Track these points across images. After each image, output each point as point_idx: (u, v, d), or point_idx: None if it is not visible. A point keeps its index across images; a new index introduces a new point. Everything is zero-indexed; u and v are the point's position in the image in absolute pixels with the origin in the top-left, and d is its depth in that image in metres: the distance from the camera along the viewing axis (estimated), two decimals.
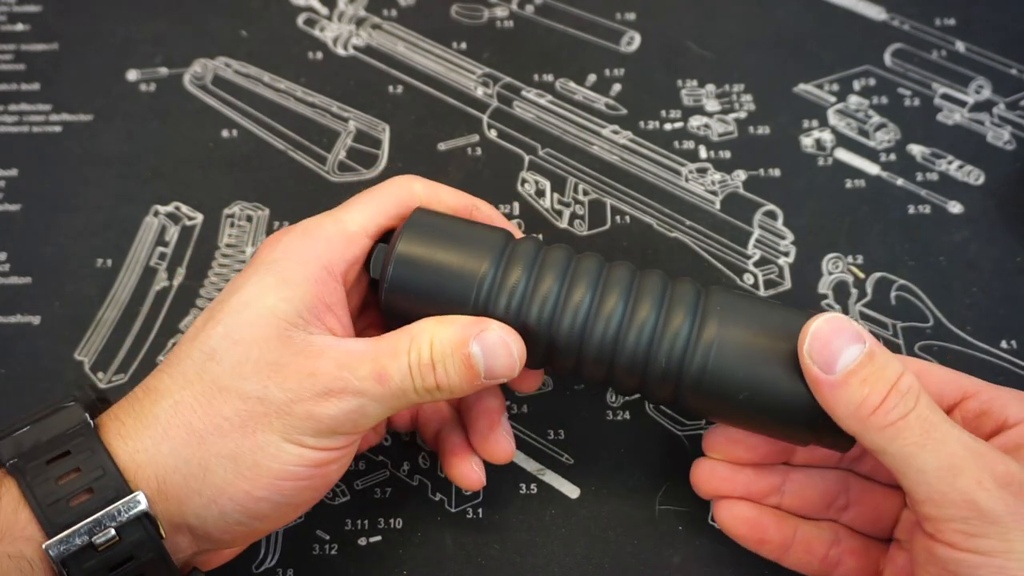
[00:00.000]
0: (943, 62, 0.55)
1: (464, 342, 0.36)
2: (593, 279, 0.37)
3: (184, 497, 0.34)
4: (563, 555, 0.42)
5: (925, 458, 0.33)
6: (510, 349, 0.36)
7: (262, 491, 0.34)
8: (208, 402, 0.34)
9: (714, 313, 0.37)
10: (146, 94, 0.55)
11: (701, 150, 0.53)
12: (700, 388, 0.36)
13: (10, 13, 0.58)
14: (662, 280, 0.38)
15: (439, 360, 0.36)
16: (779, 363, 0.36)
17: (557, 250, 0.38)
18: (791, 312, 0.37)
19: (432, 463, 0.45)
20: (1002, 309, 0.48)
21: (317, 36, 0.57)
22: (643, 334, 0.37)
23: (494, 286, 0.37)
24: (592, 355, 0.37)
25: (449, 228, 0.39)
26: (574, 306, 0.37)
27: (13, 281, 0.49)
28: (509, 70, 0.55)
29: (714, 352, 0.36)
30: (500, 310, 0.37)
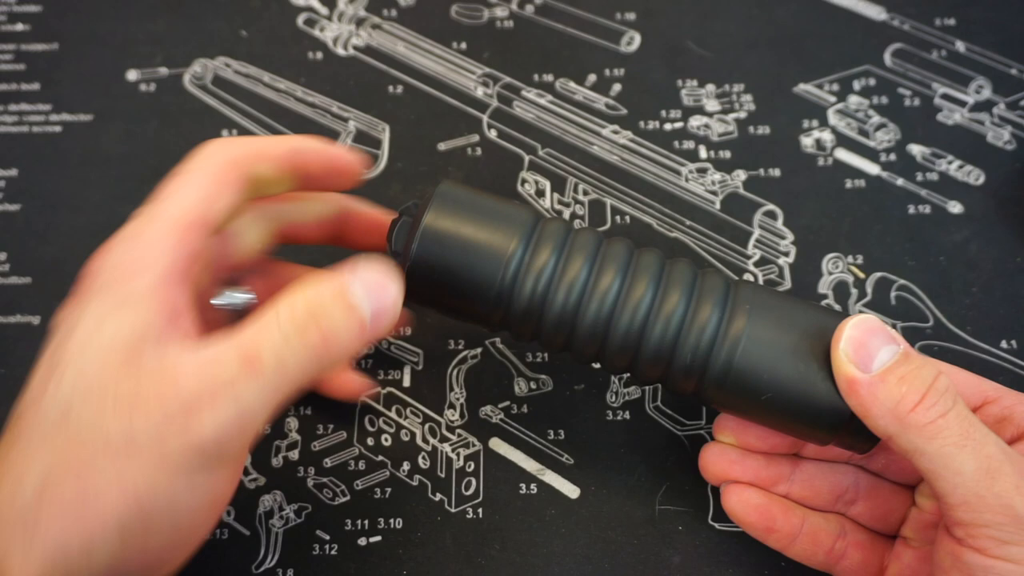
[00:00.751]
0: (943, 62, 0.55)
1: (343, 284, 0.32)
2: (623, 265, 0.36)
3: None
4: (563, 555, 0.42)
5: (964, 459, 0.32)
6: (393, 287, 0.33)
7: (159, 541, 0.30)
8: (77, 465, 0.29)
9: (743, 307, 0.36)
10: (146, 94, 0.55)
11: (701, 150, 0.53)
12: (725, 383, 0.36)
13: (10, 13, 0.58)
14: (691, 270, 0.37)
15: (318, 310, 0.31)
16: (806, 361, 0.35)
17: (586, 233, 0.37)
18: (820, 310, 0.37)
19: (432, 463, 0.45)
20: (1002, 309, 0.48)
21: (317, 36, 0.57)
22: (670, 325, 0.36)
23: (522, 266, 0.36)
24: (617, 343, 0.36)
25: (477, 203, 0.37)
26: (601, 292, 0.36)
27: (13, 281, 0.49)
28: (509, 70, 0.55)
29: (741, 347, 0.36)
30: (526, 291, 0.36)
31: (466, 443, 0.45)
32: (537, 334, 0.38)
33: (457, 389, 0.46)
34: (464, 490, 0.44)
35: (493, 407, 0.46)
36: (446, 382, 0.46)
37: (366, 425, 0.46)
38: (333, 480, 0.44)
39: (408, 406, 0.46)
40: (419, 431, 0.45)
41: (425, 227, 0.36)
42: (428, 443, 0.45)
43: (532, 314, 0.37)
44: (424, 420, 0.46)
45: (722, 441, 0.41)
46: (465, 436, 0.45)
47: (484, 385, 0.46)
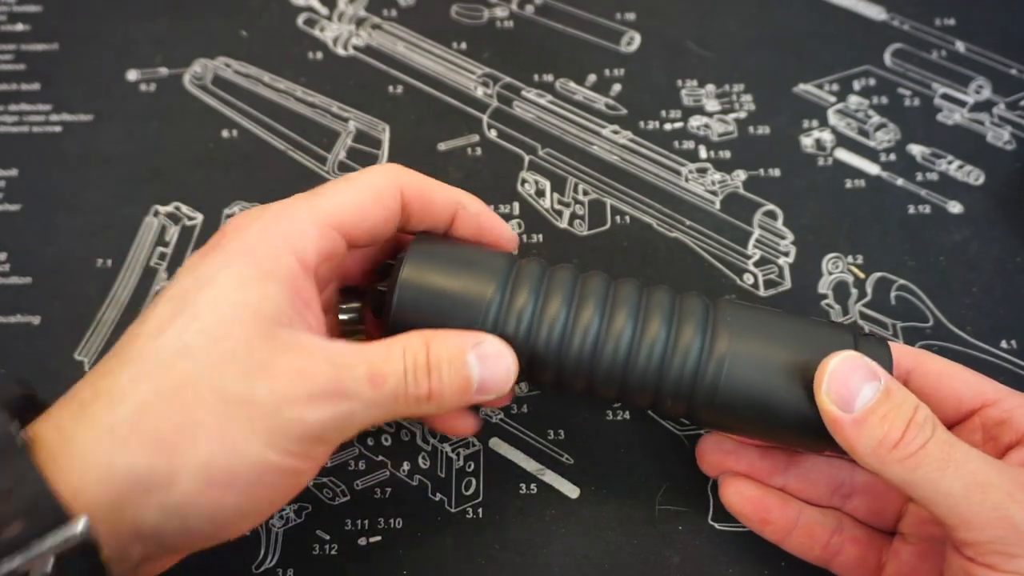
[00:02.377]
0: (943, 62, 0.55)
1: (462, 350, 0.35)
2: (601, 298, 0.37)
3: (143, 509, 0.30)
4: (563, 555, 0.42)
5: (950, 481, 0.32)
6: (507, 362, 0.35)
7: (233, 499, 0.31)
8: (181, 406, 0.30)
9: (724, 327, 0.37)
10: (146, 94, 0.55)
11: (701, 150, 0.53)
12: (714, 403, 0.36)
13: (10, 13, 0.58)
14: (670, 296, 0.38)
15: (435, 366, 0.34)
16: (792, 376, 0.36)
17: (562, 270, 0.38)
18: (800, 322, 0.37)
19: (432, 463, 0.45)
20: (1002, 309, 0.48)
21: (317, 36, 0.57)
22: (654, 352, 0.36)
23: (501, 310, 0.36)
24: (603, 375, 0.37)
25: (452, 254, 0.38)
26: (583, 327, 0.36)
27: (13, 281, 0.49)
28: (509, 70, 0.55)
29: (727, 368, 0.36)
30: (509, 334, 0.36)
31: (466, 443, 0.45)
32: (528, 374, 0.38)
33: None
34: (464, 490, 0.44)
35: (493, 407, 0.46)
36: None
37: None
38: (333, 480, 0.44)
39: None
40: (419, 431, 0.45)
41: (402, 281, 0.36)
42: (428, 443, 0.45)
43: (518, 356, 0.37)
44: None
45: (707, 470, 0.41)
46: (465, 436, 0.45)
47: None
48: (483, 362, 0.35)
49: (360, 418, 0.33)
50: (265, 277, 0.33)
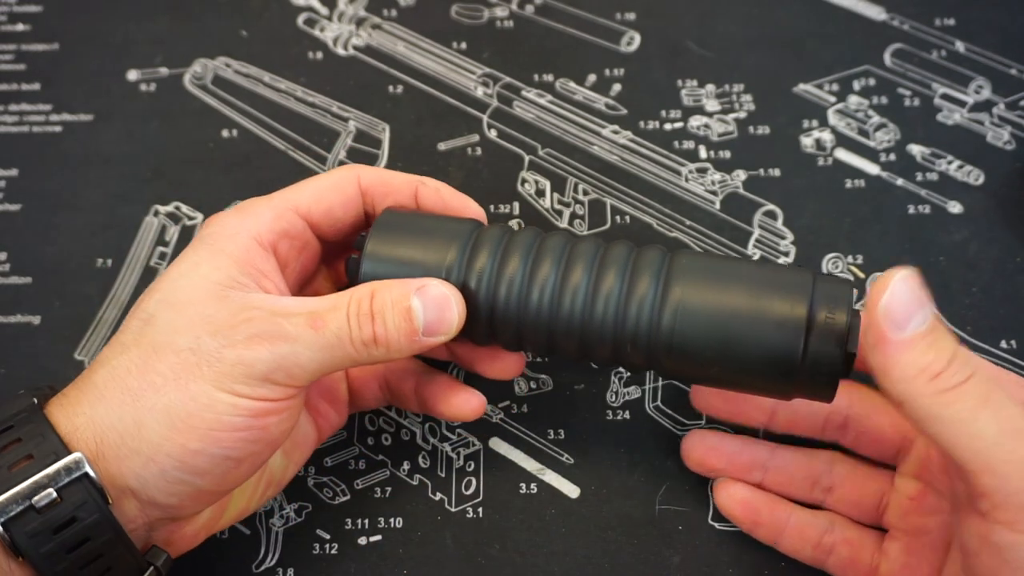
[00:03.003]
0: (943, 62, 0.55)
1: (405, 294, 0.36)
2: (557, 255, 0.38)
3: (122, 456, 0.34)
4: (563, 555, 0.42)
5: (984, 423, 0.31)
6: (450, 303, 0.37)
7: (197, 443, 0.34)
8: (144, 362, 0.35)
9: (679, 274, 0.37)
10: (146, 94, 0.55)
11: (701, 150, 0.53)
12: (672, 350, 0.36)
13: (10, 13, 0.58)
14: (627, 248, 0.38)
15: (379, 311, 0.36)
16: (750, 315, 0.35)
17: (523, 232, 0.39)
18: (757, 265, 0.37)
19: (432, 463, 0.45)
20: (1002, 309, 0.48)
21: (317, 36, 0.57)
22: (609, 303, 0.37)
23: (461, 271, 0.38)
24: (562, 329, 0.37)
25: (417, 224, 0.39)
26: (540, 282, 0.37)
27: (13, 281, 0.49)
28: (509, 70, 0.55)
29: (681, 312, 0.36)
30: (469, 295, 0.38)
31: (466, 443, 0.45)
32: (491, 334, 0.39)
33: None
34: (464, 490, 0.44)
35: (493, 407, 0.46)
36: None
37: (366, 424, 0.46)
38: (333, 479, 0.44)
39: None
40: (419, 430, 0.45)
41: (367, 254, 0.38)
42: (428, 442, 0.45)
43: (480, 315, 0.38)
44: (424, 419, 0.46)
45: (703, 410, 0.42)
46: (465, 435, 0.45)
47: (484, 385, 0.46)
48: (427, 303, 0.36)
49: (305, 360, 0.35)
50: (218, 253, 0.37)
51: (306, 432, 0.42)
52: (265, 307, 0.35)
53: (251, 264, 0.37)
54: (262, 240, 0.38)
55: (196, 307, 0.35)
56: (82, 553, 0.34)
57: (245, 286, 0.36)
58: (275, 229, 0.39)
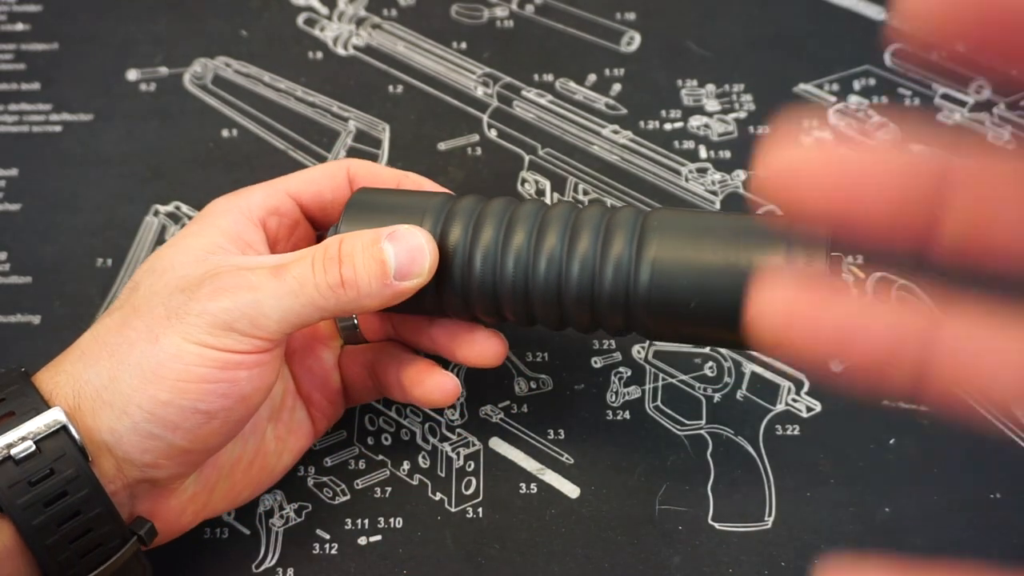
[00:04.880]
0: (943, 62, 0.55)
1: (376, 237, 0.36)
2: (530, 222, 0.37)
3: (97, 409, 0.35)
4: (563, 555, 0.42)
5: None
6: (422, 244, 0.36)
7: (166, 394, 0.34)
8: (124, 322, 0.36)
9: (653, 232, 0.36)
10: (146, 94, 0.55)
11: (701, 150, 0.53)
12: (650, 308, 0.36)
13: (10, 13, 0.58)
14: (599, 210, 0.38)
15: (347, 255, 0.36)
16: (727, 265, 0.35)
17: (496, 201, 0.39)
18: (732, 218, 0.37)
19: (432, 462, 0.45)
20: None
21: (317, 36, 0.57)
22: (585, 265, 0.36)
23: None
24: (539, 295, 0.37)
25: (389, 200, 0.39)
26: (515, 249, 0.37)
27: (13, 281, 0.49)
28: (509, 70, 0.55)
29: (656, 268, 0.35)
30: (444, 268, 0.37)
31: (466, 442, 0.45)
32: (468, 307, 0.38)
33: None
34: (464, 489, 0.44)
35: (493, 407, 0.46)
36: None
37: (366, 424, 0.46)
38: (333, 479, 0.44)
39: (408, 405, 0.46)
40: (419, 430, 0.45)
41: (341, 232, 0.38)
42: (428, 442, 0.45)
43: (455, 288, 0.38)
44: (424, 419, 0.46)
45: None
46: (465, 435, 0.45)
47: (484, 384, 0.46)
48: (398, 244, 0.36)
49: (268, 308, 0.35)
50: (206, 226, 0.39)
51: (300, 419, 0.42)
52: (235, 263, 0.36)
53: (237, 235, 0.38)
54: (251, 215, 0.39)
55: (176, 271, 0.37)
56: (61, 509, 0.34)
57: (227, 251, 0.37)
58: (264, 205, 0.40)
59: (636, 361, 0.46)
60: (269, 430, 0.41)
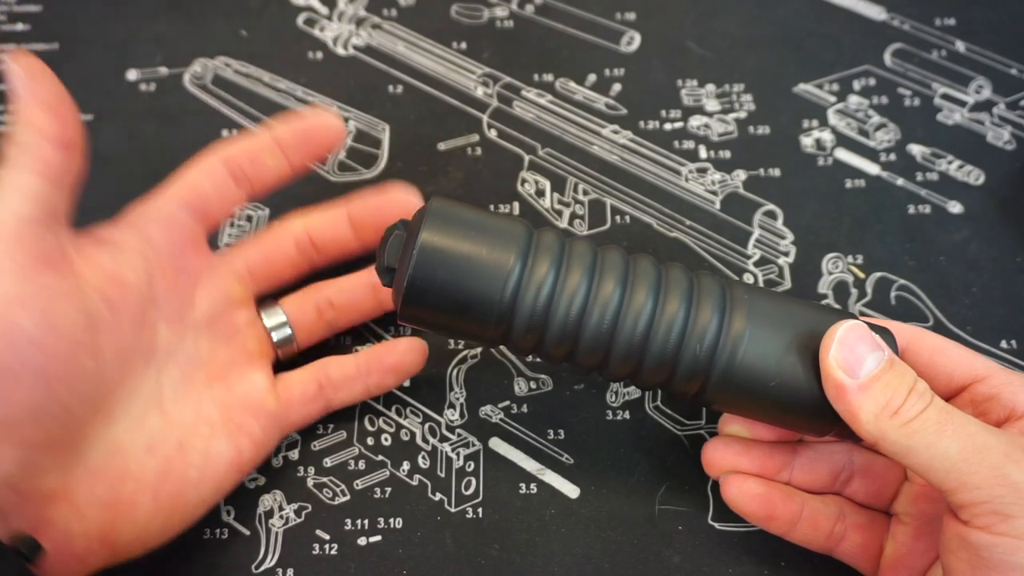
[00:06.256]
0: (943, 62, 0.55)
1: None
2: (622, 274, 0.37)
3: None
4: (563, 555, 0.42)
5: (947, 443, 0.33)
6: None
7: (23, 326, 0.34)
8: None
9: (741, 309, 0.37)
10: (146, 94, 0.55)
11: (701, 150, 0.53)
12: (729, 384, 0.37)
13: (10, 13, 0.58)
14: (687, 275, 0.38)
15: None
16: (804, 358, 0.36)
17: (581, 243, 0.38)
18: (814, 308, 0.38)
19: (432, 463, 0.45)
20: (1002, 309, 0.48)
21: (317, 36, 0.57)
22: (672, 330, 0.36)
23: (522, 281, 0.36)
24: (621, 352, 0.37)
25: (471, 218, 0.36)
26: (603, 302, 0.36)
27: None
28: (509, 70, 0.55)
29: (744, 348, 0.36)
30: (527, 306, 0.36)
31: (466, 443, 0.45)
32: (539, 347, 0.37)
33: (457, 389, 0.46)
34: (464, 490, 0.44)
35: (493, 407, 0.46)
36: (446, 382, 0.46)
37: (366, 425, 0.46)
38: (333, 480, 0.44)
39: (408, 405, 0.46)
40: (419, 431, 0.45)
41: (422, 245, 0.35)
42: (428, 443, 0.45)
43: (535, 328, 0.36)
44: (424, 420, 0.46)
45: (730, 433, 0.41)
46: (465, 436, 0.45)
47: (484, 385, 0.46)
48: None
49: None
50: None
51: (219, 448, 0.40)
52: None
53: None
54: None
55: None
56: None
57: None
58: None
59: None
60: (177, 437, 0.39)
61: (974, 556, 0.33)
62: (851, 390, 0.35)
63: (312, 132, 0.43)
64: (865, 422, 0.34)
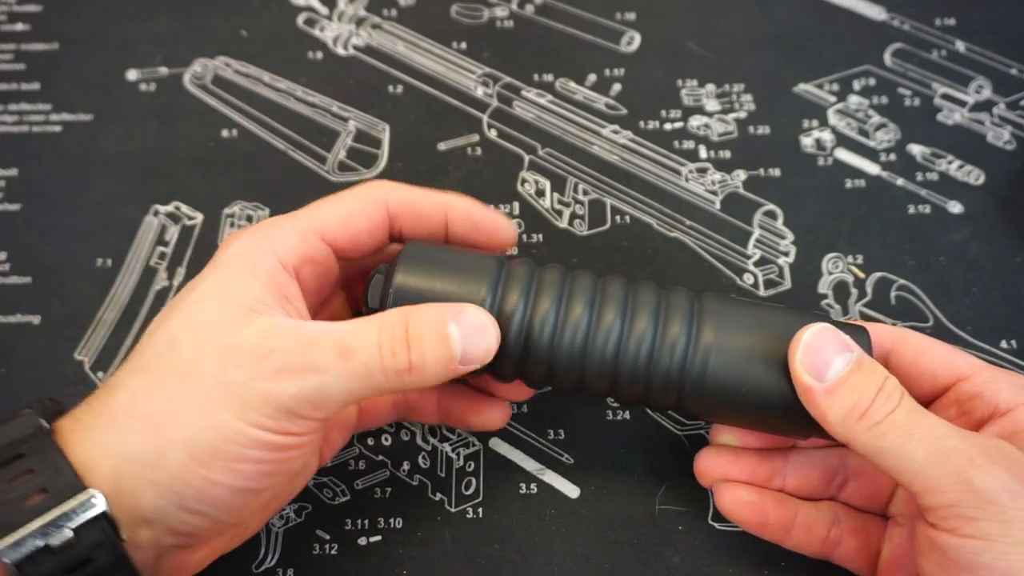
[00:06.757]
0: (943, 62, 0.55)
1: (443, 321, 0.35)
2: (589, 296, 0.38)
3: (141, 488, 0.33)
4: (563, 555, 0.42)
5: (915, 447, 0.33)
6: (487, 329, 0.36)
7: (218, 475, 0.33)
8: (165, 389, 0.33)
9: (709, 319, 0.38)
10: (146, 94, 0.55)
11: (701, 150, 0.53)
12: (702, 392, 0.37)
13: (10, 13, 0.58)
14: (655, 292, 0.39)
15: (415, 337, 0.35)
16: (775, 362, 0.37)
17: (551, 271, 0.39)
18: (783, 312, 0.38)
19: (432, 463, 0.45)
20: (1002, 309, 0.48)
21: (317, 36, 0.57)
22: (643, 345, 0.37)
23: (493, 312, 0.37)
24: (594, 370, 0.38)
25: (443, 258, 0.38)
26: (573, 324, 0.37)
27: (13, 281, 0.49)
28: (509, 70, 0.55)
29: (713, 357, 0.37)
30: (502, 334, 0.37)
31: (466, 443, 0.45)
32: (521, 372, 0.39)
33: None
34: (464, 490, 0.44)
35: None
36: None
37: None
38: (333, 480, 0.44)
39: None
40: (419, 430, 0.45)
41: (396, 286, 0.37)
42: (428, 443, 0.45)
43: (511, 355, 0.38)
44: None
45: (722, 442, 0.41)
46: (465, 436, 0.45)
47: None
48: (464, 331, 0.35)
49: (334, 391, 0.34)
50: (244, 274, 0.36)
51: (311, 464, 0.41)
52: (291, 335, 0.34)
53: (277, 288, 0.36)
54: (287, 264, 0.37)
55: (221, 333, 0.34)
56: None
57: (269, 310, 0.35)
58: (300, 253, 0.37)
59: None
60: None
61: (943, 557, 0.33)
62: (818, 393, 0.35)
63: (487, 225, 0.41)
64: (834, 424, 0.35)
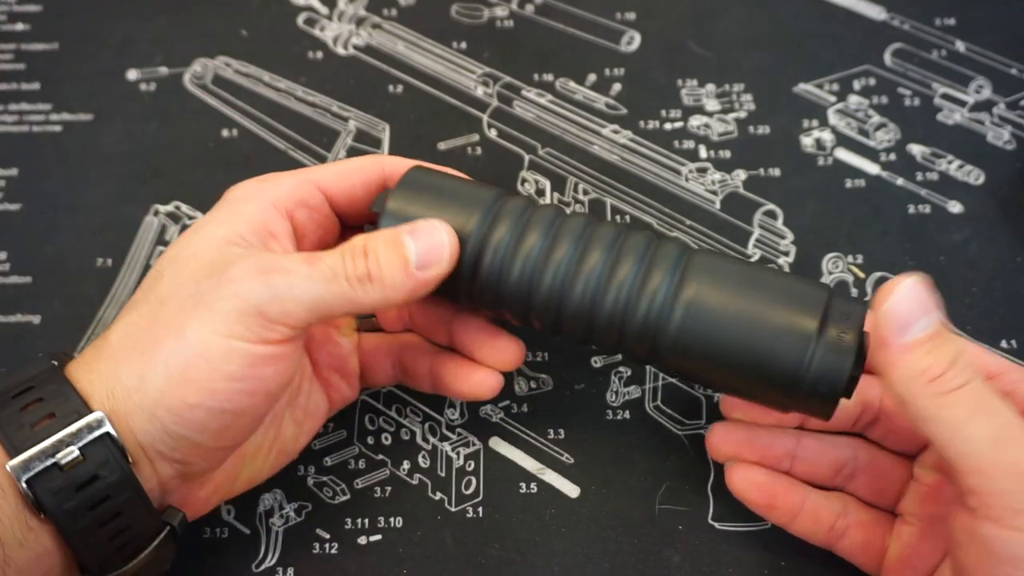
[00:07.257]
0: (943, 62, 0.55)
1: (397, 233, 0.37)
2: (576, 236, 0.38)
3: (129, 413, 0.34)
4: (563, 555, 0.42)
5: (976, 427, 0.32)
6: (439, 233, 0.37)
7: (194, 396, 0.34)
8: (151, 316, 0.35)
9: (694, 273, 0.36)
10: (146, 94, 0.55)
11: (701, 150, 0.53)
12: (677, 348, 0.36)
13: (10, 13, 0.58)
14: (646, 239, 0.38)
15: (372, 248, 0.36)
16: (759, 321, 0.35)
17: (546, 208, 0.39)
18: (778, 275, 0.37)
19: (432, 462, 0.45)
20: (1002, 309, 0.48)
21: (317, 36, 0.57)
22: (621, 291, 0.37)
23: (479, 241, 0.37)
24: (571, 312, 0.37)
25: (441, 185, 0.39)
26: (555, 262, 0.37)
27: (13, 281, 0.49)
28: (509, 70, 0.55)
29: (691, 312, 0.36)
30: (484, 265, 0.38)
31: (466, 442, 0.45)
32: (497, 304, 0.39)
33: None
34: (464, 489, 0.44)
35: (493, 406, 0.46)
36: None
37: (366, 424, 0.46)
38: (333, 479, 0.44)
39: (408, 405, 0.46)
40: (419, 430, 0.45)
41: (388, 210, 0.38)
42: (428, 442, 0.45)
43: (490, 287, 0.38)
44: (424, 419, 0.46)
45: (732, 418, 0.41)
46: (465, 435, 0.45)
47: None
48: (417, 236, 0.37)
49: (301, 291, 0.35)
50: (232, 214, 0.38)
51: (317, 402, 0.42)
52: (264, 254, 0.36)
53: (263, 224, 0.38)
54: (278, 204, 0.39)
55: (200, 260, 0.36)
56: (102, 510, 0.34)
57: (251, 244, 0.37)
58: (294, 196, 0.39)
59: None
60: (287, 415, 0.41)
61: (985, 550, 0.32)
62: (895, 347, 0.33)
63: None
64: (897, 381, 0.33)
